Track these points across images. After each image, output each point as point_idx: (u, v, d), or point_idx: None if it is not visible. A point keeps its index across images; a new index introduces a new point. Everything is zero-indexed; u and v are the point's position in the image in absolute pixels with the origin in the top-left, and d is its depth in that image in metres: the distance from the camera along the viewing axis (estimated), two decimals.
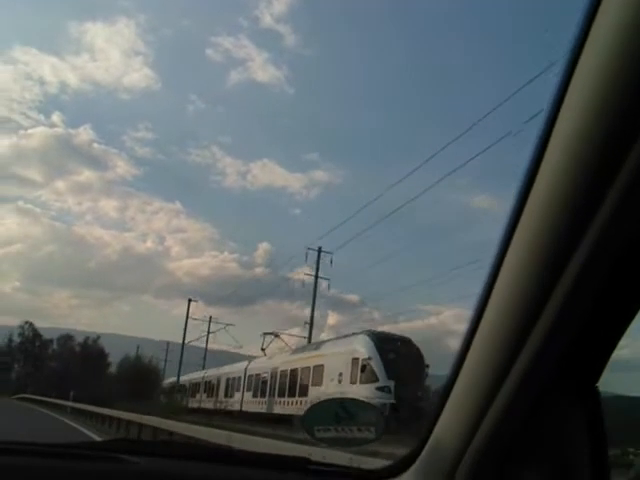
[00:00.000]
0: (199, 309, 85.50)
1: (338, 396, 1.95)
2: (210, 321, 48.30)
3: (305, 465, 1.57)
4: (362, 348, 19.52)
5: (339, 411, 1.59)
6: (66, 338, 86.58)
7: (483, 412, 1.07)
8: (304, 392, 23.06)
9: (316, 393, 20.20)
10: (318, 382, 22.06)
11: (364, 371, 19.13)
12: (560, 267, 0.87)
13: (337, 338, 24.71)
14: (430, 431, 1.24)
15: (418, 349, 19.95)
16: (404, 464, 1.35)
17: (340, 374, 20.39)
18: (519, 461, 1.11)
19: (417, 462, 1.30)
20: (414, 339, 20.78)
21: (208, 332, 47.78)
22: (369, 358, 18.97)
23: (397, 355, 18.77)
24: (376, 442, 1.64)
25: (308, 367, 23.77)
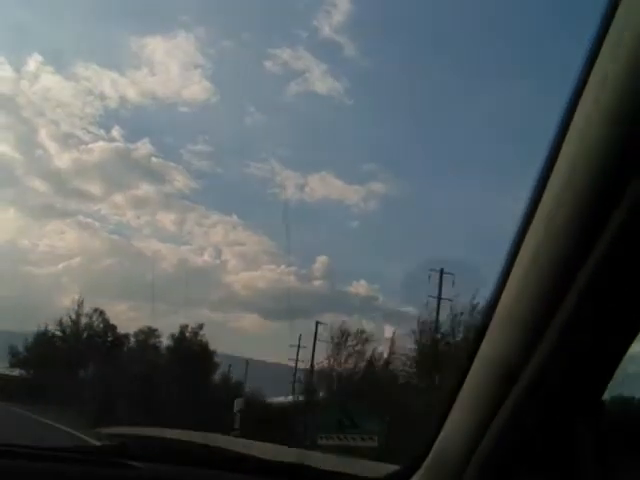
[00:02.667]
0: (255, 322, 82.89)
1: None
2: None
3: (306, 472, 1.56)
4: None
5: (343, 419, 1.59)
6: (147, 333, 49.32)
7: (489, 420, 1.06)
8: None
9: None
10: None
11: None
12: (568, 280, 0.87)
13: None
14: (434, 438, 1.23)
15: None
16: (409, 470, 1.33)
17: None
18: (525, 470, 1.10)
19: (422, 469, 1.28)
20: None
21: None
22: None
23: None
24: None
25: None
